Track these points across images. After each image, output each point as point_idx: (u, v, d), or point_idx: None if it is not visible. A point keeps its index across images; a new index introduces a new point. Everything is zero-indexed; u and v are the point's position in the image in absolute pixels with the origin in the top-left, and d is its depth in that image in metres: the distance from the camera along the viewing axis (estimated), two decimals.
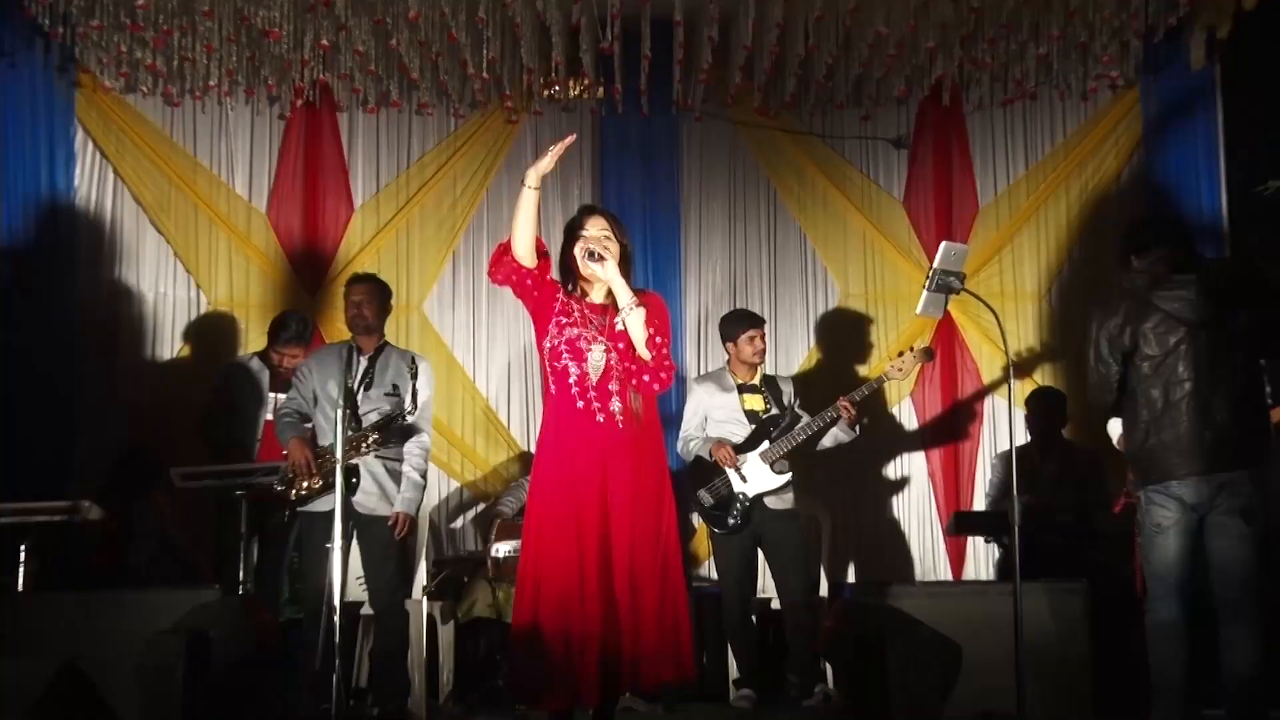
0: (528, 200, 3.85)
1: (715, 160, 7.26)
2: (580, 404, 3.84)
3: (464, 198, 7.10)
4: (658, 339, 3.82)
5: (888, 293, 7.15)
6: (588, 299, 3.96)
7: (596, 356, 3.85)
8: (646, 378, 3.84)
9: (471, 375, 7.02)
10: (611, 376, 3.85)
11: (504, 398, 7.03)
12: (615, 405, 3.85)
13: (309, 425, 5.34)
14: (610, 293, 3.92)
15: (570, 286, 3.98)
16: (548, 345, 3.90)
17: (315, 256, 6.93)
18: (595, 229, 3.94)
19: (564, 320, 3.90)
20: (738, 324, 5.91)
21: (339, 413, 4.30)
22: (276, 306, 6.65)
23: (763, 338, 5.89)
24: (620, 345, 3.86)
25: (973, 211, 7.21)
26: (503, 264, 3.90)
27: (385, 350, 5.39)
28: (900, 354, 5.98)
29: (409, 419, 5.18)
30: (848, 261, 7.20)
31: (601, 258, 3.84)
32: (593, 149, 7.20)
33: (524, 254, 3.86)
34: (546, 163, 3.84)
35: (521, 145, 7.10)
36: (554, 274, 4.01)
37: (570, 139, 3.89)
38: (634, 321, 3.80)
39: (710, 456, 5.74)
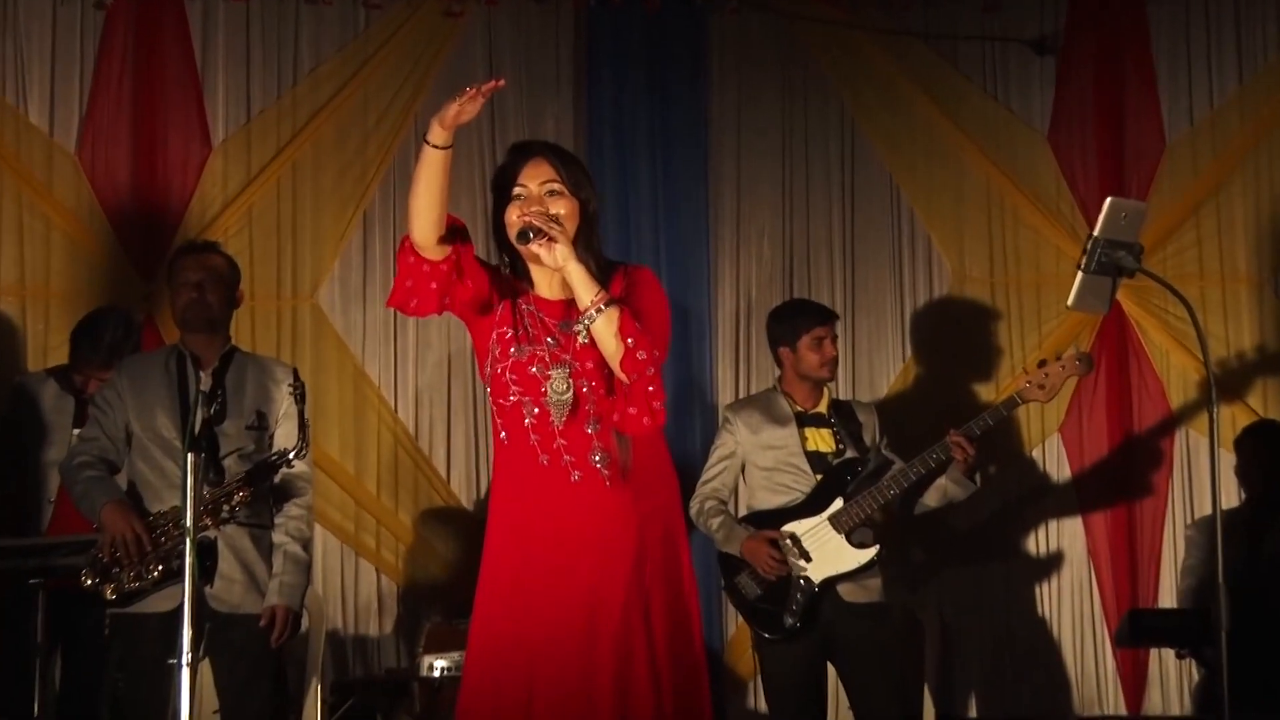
0: (431, 164, 3.74)
1: (760, 74, 7.27)
2: (544, 458, 3.82)
3: (381, 131, 7.12)
4: (640, 353, 3.72)
5: (1024, 274, 7.18)
6: (537, 293, 3.91)
7: (559, 384, 3.82)
8: (633, 411, 3.78)
9: (390, 398, 7.04)
10: (587, 414, 3.83)
11: (439, 430, 7.08)
12: (597, 457, 3.83)
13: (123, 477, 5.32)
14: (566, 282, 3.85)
15: (510, 271, 3.93)
16: (488, 372, 3.89)
17: (152, 220, 6.92)
18: (533, 182, 3.85)
19: (505, 331, 3.86)
20: (797, 320, 5.90)
21: (187, 459, 4.22)
22: (91, 298, 6.65)
23: (835, 341, 5.89)
24: (591, 364, 3.81)
25: (1156, 150, 7.24)
26: (408, 270, 3.80)
27: (234, 359, 5.38)
28: (1042, 365, 5.90)
29: (296, 466, 5.19)
30: (963, 227, 7.22)
31: (546, 235, 3.74)
32: (575, 57, 7.23)
33: (425, 242, 3.78)
34: (456, 110, 3.68)
35: (467, 51, 7.13)
36: (492, 262, 3.96)
37: (496, 84, 3.78)
38: (602, 329, 3.73)
39: (740, 554, 5.74)
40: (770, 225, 7.27)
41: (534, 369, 3.82)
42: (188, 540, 4.19)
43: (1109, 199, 4.38)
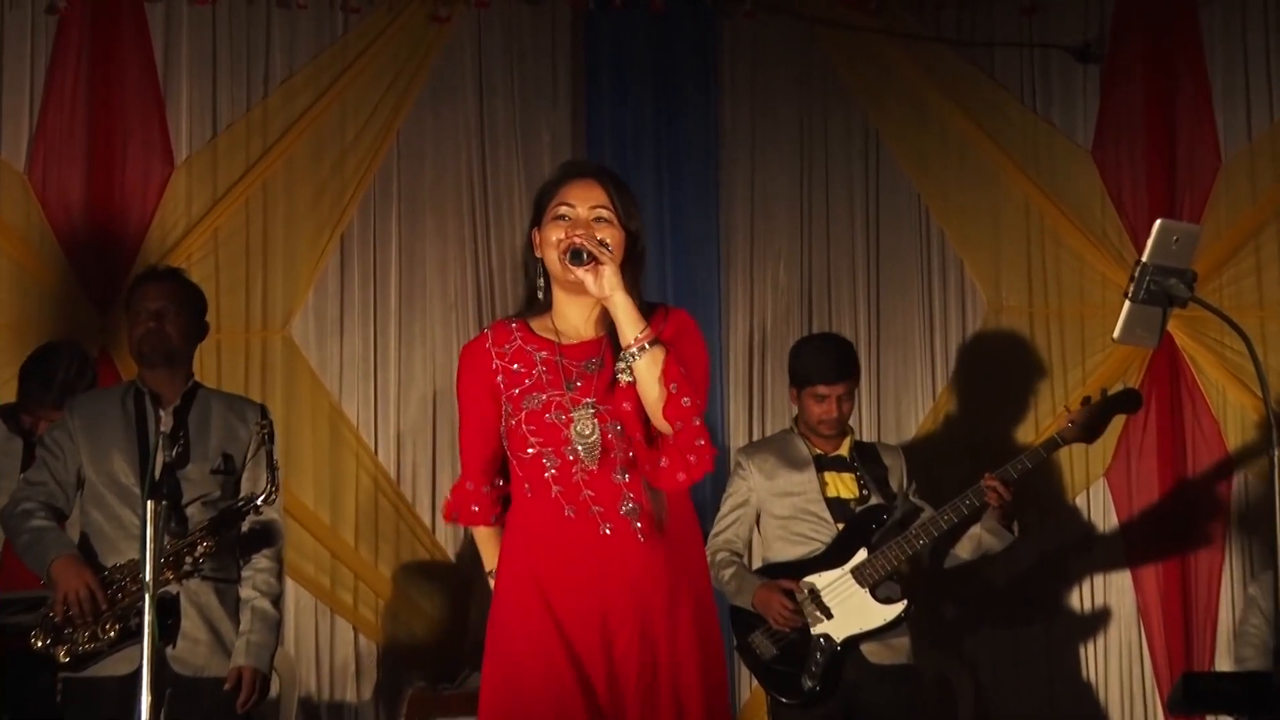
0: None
1: (777, 84, 7.28)
2: (570, 509, 3.84)
3: (360, 147, 7.13)
4: (685, 399, 3.77)
5: (1066, 304, 7.20)
6: (559, 332, 3.95)
7: (584, 427, 3.84)
8: (664, 463, 3.82)
9: (369, 439, 7.05)
10: (614, 461, 3.85)
11: (423, 474, 7.08)
12: (629, 508, 3.85)
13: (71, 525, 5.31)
14: (603, 317, 3.89)
15: (531, 307, 3.99)
16: (504, 427, 3.92)
17: (109, 245, 6.92)
18: (583, 205, 3.90)
19: (520, 373, 3.90)
20: (807, 369, 5.93)
21: (147, 507, 4.18)
22: (41, 331, 6.65)
23: (841, 401, 5.88)
24: (626, 406, 3.83)
25: (1212, 168, 7.24)
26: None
27: (198, 396, 5.38)
28: (1086, 403, 5.95)
29: (265, 512, 5.21)
30: (999, 253, 7.23)
31: (594, 259, 3.79)
32: (573, 66, 7.24)
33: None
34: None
35: (455, 59, 7.15)
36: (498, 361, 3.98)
37: None
38: (645, 370, 3.76)
39: (753, 608, 5.77)
40: (787, 250, 7.27)
41: (551, 416, 3.84)
42: (147, 596, 4.11)
43: (1159, 221, 4.35)
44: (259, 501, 5.13)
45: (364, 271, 7.15)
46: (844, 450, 5.93)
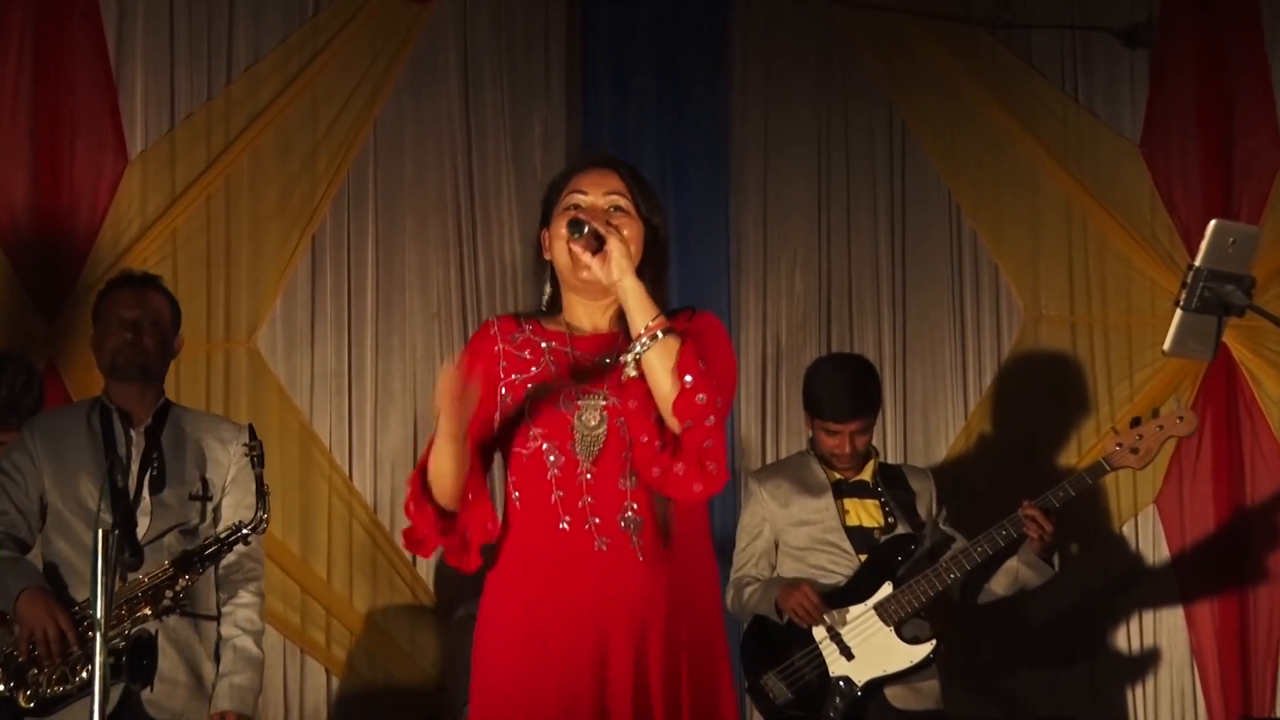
0: (444, 454, 3.85)
1: (792, 72, 7.31)
2: (565, 520, 3.81)
3: (333, 140, 7.12)
4: (699, 395, 3.72)
5: (1111, 312, 7.22)
6: (571, 326, 3.97)
7: (590, 417, 3.84)
8: (680, 469, 3.75)
9: (343, 462, 7.05)
10: (623, 463, 3.83)
11: (402, 501, 6.93)
12: (629, 520, 3.82)
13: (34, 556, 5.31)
14: (619, 315, 3.88)
15: (545, 307, 4.02)
16: (498, 420, 3.93)
17: (55, 248, 6.90)
18: (598, 192, 3.93)
19: (527, 360, 3.92)
20: (815, 396, 5.95)
21: (98, 534, 4.11)
22: None
23: (855, 437, 5.89)
24: (635, 403, 3.81)
25: (1272, 163, 7.25)
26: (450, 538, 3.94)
27: (171, 414, 5.43)
28: (1135, 424, 5.94)
29: (251, 542, 5.21)
30: (1038, 256, 7.25)
31: (598, 239, 3.77)
32: (569, 52, 7.26)
33: (454, 505, 3.91)
34: (451, 415, 3.78)
35: (437, 44, 7.15)
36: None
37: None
38: (656, 360, 3.73)
39: (780, 615, 5.74)
40: (804, 254, 7.30)
41: (559, 405, 3.84)
42: (98, 637, 4.08)
43: (1214, 222, 4.34)
44: (247, 531, 5.13)
45: (337, 277, 7.14)
46: (866, 474, 5.96)
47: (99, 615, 4.09)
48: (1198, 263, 4.27)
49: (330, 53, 7.12)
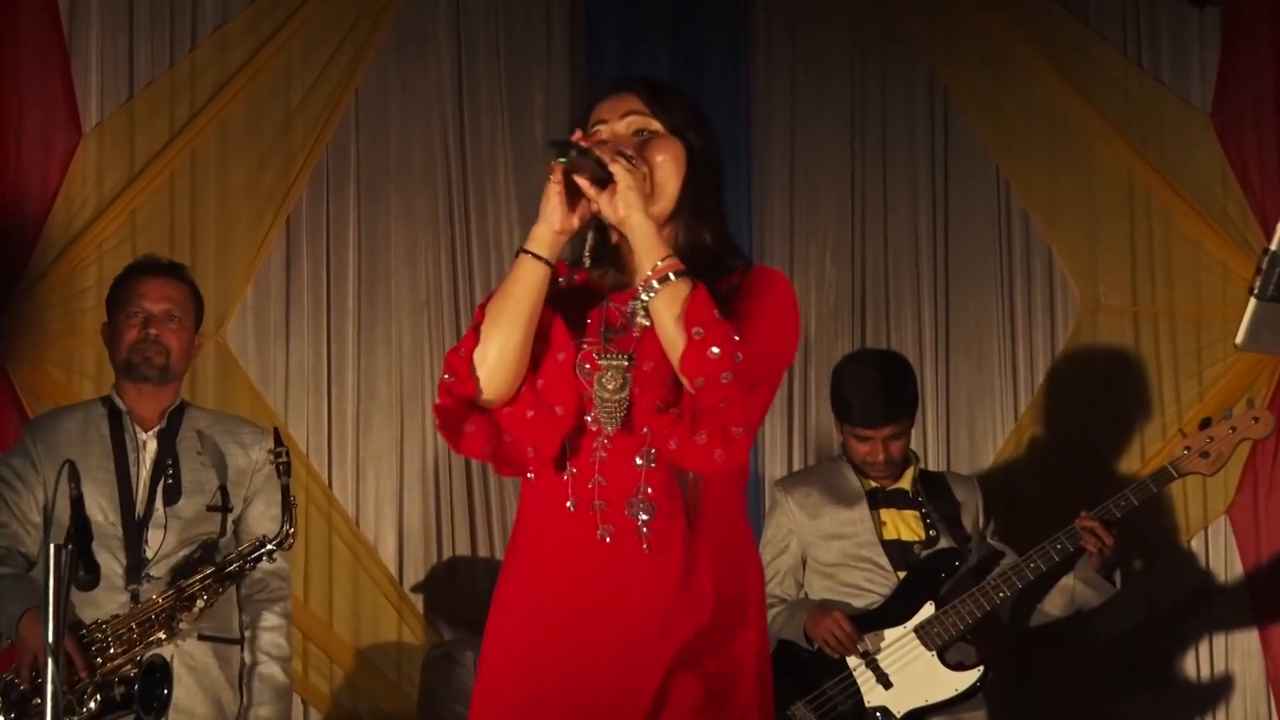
0: (528, 278, 3.66)
1: (821, 33, 7.18)
2: (572, 501, 3.70)
3: (309, 109, 7.00)
4: (712, 349, 3.53)
5: (1178, 302, 7.06)
6: (613, 275, 3.86)
7: (610, 380, 3.68)
8: (703, 438, 3.58)
9: (321, 468, 6.95)
10: (642, 438, 3.69)
11: (387, 512, 6.91)
12: (637, 501, 3.66)
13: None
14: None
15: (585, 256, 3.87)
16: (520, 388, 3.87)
17: (3, 230, 6.80)
18: (614, 115, 3.81)
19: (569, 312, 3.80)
20: (843, 398, 5.86)
21: (49, 548, 4.15)
22: None
23: (889, 443, 5.80)
24: (649, 365, 3.69)
25: None
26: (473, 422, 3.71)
27: (185, 416, 5.40)
28: (1205, 426, 5.85)
29: (276, 559, 5.19)
30: (1095, 239, 7.11)
31: (601, 165, 3.58)
32: (573, 12, 7.13)
33: (500, 389, 3.68)
34: (561, 212, 3.62)
35: (426, 3, 7.01)
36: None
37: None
38: (662, 307, 3.59)
39: (809, 641, 5.66)
40: (835, 237, 7.16)
41: (581, 369, 3.71)
42: (50, 667, 4.04)
43: None
44: (272, 546, 5.14)
45: (315, 264, 7.04)
46: (905, 483, 5.88)
47: (49, 640, 4.08)
48: (1274, 246, 4.05)
49: (307, 13, 7.00)
